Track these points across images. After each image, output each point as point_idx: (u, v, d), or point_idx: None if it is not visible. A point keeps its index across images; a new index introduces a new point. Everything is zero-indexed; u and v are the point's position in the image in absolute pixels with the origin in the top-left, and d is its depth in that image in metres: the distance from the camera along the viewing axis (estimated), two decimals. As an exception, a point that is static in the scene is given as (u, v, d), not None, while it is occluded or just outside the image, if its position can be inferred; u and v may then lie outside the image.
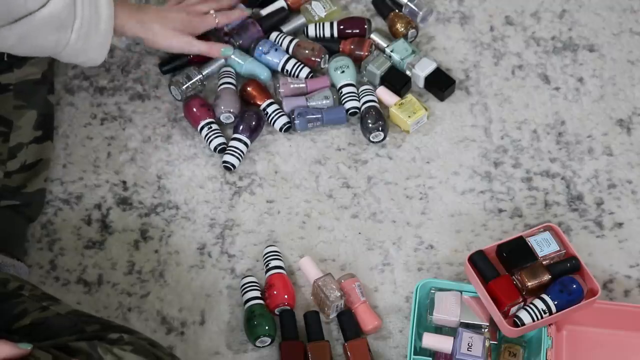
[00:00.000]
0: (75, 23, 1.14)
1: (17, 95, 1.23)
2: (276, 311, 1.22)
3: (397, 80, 1.43)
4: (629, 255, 1.29)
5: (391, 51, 1.44)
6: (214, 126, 1.38)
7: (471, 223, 1.32)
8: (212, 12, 1.39)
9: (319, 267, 1.26)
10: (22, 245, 1.28)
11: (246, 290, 1.23)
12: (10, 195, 1.21)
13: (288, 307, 1.22)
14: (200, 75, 1.43)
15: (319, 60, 1.44)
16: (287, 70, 1.44)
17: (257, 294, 1.23)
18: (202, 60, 1.45)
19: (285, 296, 1.22)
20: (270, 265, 1.25)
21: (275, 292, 1.22)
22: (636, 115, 1.41)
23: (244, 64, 1.44)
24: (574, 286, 1.13)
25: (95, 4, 1.17)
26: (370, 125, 1.37)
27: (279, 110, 1.40)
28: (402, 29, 1.47)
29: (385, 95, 1.41)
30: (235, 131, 1.37)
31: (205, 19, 1.38)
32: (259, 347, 1.21)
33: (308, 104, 1.40)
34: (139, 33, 1.31)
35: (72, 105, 1.44)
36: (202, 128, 1.38)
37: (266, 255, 1.27)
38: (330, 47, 1.46)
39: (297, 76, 1.43)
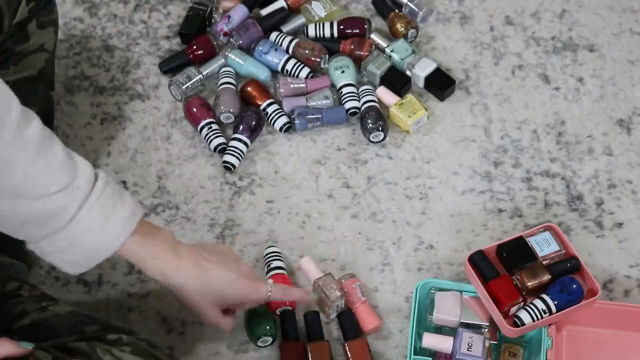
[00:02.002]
0: (66, 227, 0.95)
1: (14, 93, 1.22)
2: (277, 311, 1.22)
3: (397, 80, 1.43)
4: (629, 255, 1.29)
5: (391, 51, 1.44)
6: (214, 126, 1.38)
7: (471, 223, 1.32)
8: (270, 281, 1.15)
9: (319, 267, 1.26)
10: (20, 245, 1.27)
11: None
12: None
13: (289, 308, 1.22)
14: (200, 75, 1.43)
15: (319, 60, 1.44)
16: (287, 70, 1.44)
17: None
18: (202, 60, 1.46)
19: None
20: (271, 266, 1.25)
21: None
22: (636, 115, 1.41)
23: (244, 64, 1.44)
24: (574, 286, 1.13)
25: (107, 215, 0.96)
26: (370, 125, 1.37)
27: (279, 110, 1.40)
28: (402, 29, 1.47)
29: (385, 95, 1.41)
30: (235, 131, 1.37)
31: (257, 290, 1.10)
32: (260, 347, 1.20)
33: (308, 104, 1.40)
34: (162, 280, 1.05)
35: (72, 105, 1.44)
36: (202, 128, 1.38)
37: (267, 256, 1.27)
38: (330, 47, 1.46)
39: (297, 76, 1.43)
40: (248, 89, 1.42)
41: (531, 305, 1.12)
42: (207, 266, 1.06)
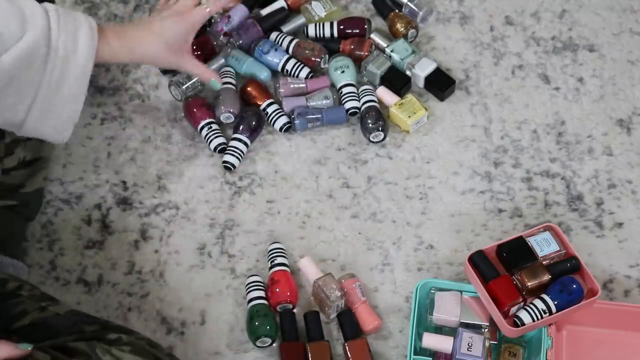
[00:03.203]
0: (50, 57, 1.06)
1: None
2: (278, 308, 1.22)
3: (397, 80, 1.43)
4: (629, 255, 1.29)
5: (391, 51, 1.44)
6: (214, 126, 1.38)
7: (471, 223, 1.32)
8: (203, 1, 1.29)
9: (319, 267, 1.26)
10: (20, 245, 1.27)
11: (251, 289, 1.23)
12: (9, 195, 1.21)
13: (290, 305, 1.22)
14: (200, 75, 1.43)
15: (319, 60, 1.44)
16: (287, 70, 1.44)
17: (262, 293, 1.23)
18: (202, 60, 1.46)
19: (288, 293, 1.22)
20: (275, 262, 1.25)
21: (278, 289, 1.22)
22: (636, 115, 1.41)
23: (244, 64, 1.44)
24: (574, 286, 1.13)
25: (74, 35, 1.08)
26: (370, 125, 1.37)
27: (279, 110, 1.40)
28: (402, 29, 1.47)
29: (385, 95, 1.41)
30: (235, 131, 1.37)
31: (196, 12, 1.27)
32: (259, 347, 1.20)
33: (308, 104, 1.40)
34: (129, 59, 1.21)
35: (72, 105, 1.44)
36: (202, 128, 1.38)
37: (271, 252, 1.27)
38: (330, 47, 1.46)
39: (297, 76, 1.43)
40: (248, 89, 1.42)
41: (531, 305, 1.12)
42: (151, 25, 1.22)
